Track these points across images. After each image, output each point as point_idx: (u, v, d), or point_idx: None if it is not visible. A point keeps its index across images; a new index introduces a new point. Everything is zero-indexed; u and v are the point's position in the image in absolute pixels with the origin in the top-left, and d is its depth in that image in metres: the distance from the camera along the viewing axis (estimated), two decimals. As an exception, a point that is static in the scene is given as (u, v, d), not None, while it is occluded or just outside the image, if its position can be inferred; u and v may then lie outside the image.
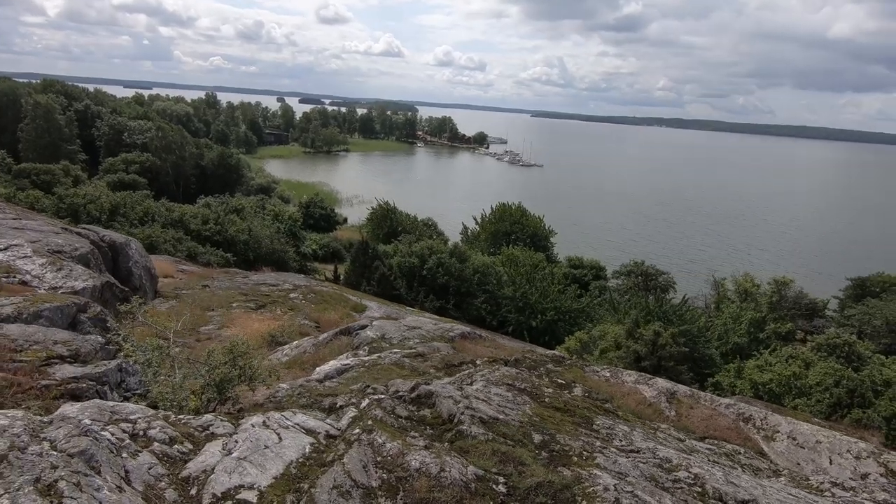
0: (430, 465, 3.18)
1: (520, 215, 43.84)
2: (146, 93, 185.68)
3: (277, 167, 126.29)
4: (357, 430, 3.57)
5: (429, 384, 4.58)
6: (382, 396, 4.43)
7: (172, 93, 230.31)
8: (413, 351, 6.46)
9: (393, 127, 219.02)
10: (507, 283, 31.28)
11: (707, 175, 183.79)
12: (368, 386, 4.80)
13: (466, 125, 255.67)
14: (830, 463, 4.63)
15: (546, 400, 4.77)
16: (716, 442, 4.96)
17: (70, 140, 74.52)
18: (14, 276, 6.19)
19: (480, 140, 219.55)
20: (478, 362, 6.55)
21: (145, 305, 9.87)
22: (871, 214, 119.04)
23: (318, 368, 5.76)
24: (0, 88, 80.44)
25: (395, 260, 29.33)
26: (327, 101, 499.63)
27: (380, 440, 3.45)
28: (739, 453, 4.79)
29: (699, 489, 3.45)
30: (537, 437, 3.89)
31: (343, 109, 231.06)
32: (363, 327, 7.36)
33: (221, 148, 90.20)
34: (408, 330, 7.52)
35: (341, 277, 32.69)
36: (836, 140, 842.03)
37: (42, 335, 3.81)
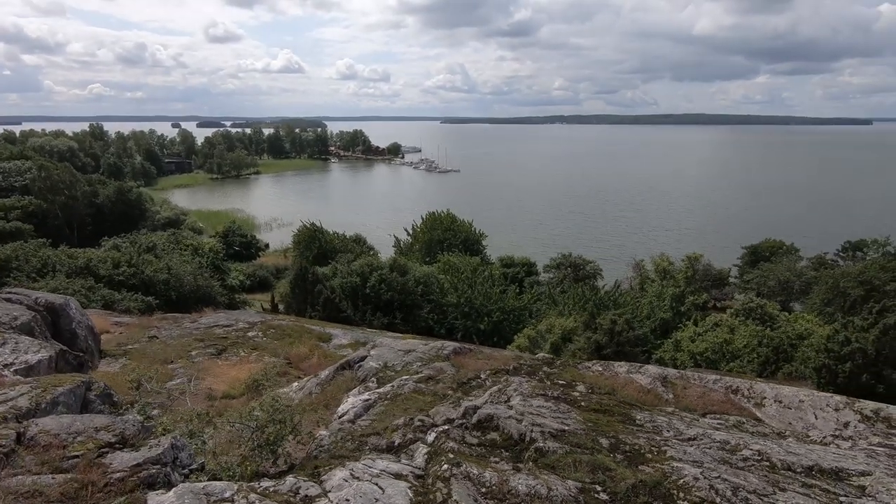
0: (536, 487, 3.29)
1: (450, 222, 44.57)
2: (16, 129, 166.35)
3: (183, 197, 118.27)
4: (445, 466, 3.57)
5: (480, 407, 4.66)
6: (446, 427, 4.45)
7: (48, 126, 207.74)
8: (421, 375, 6.47)
9: (304, 144, 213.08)
10: (449, 291, 31.69)
11: (608, 165, 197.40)
12: (412, 418, 4.78)
13: (379, 137, 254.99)
14: (816, 418, 5.36)
15: (582, 404, 5.05)
16: (718, 416, 5.54)
17: (-72, 190, 65.05)
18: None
19: (395, 150, 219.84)
20: (482, 375, 6.71)
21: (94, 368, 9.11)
22: (749, 187, 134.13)
23: (339, 409, 5.58)
24: None
25: (335, 281, 28.68)
26: (228, 123, 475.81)
27: (474, 471, 3.49)
28: (744, 423, 5.38)
29: (768, 463, 3.88)
30: (605, 442, 4.13)
31: (248, 131, 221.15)
32: (363, 359, 7.22)
33: (118, 183, 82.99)
34: (405, 354, 7.48)
35: (280, 307, 31.43)
36: (711, 124, 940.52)
37: (80, 424, 3.38)
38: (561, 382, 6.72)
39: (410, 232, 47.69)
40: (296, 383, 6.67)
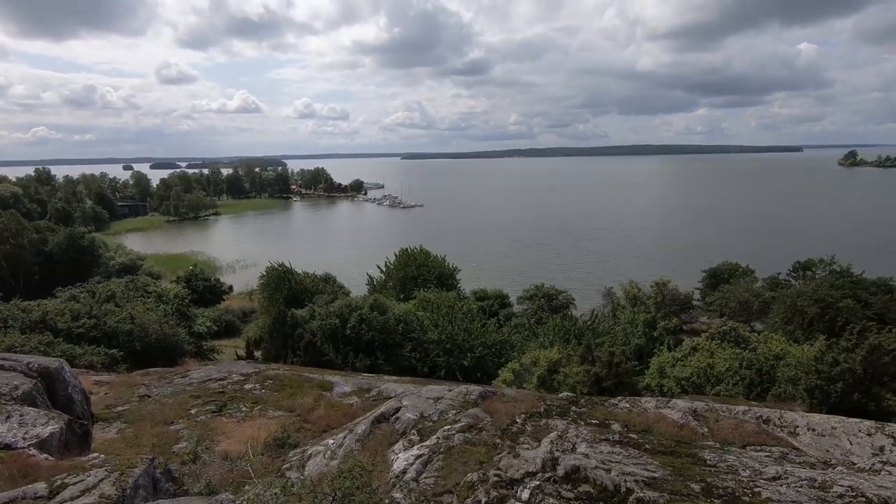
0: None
1: (424, 258, 44.66)
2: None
3: (139, 241, 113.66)
4: (557, 525, 3.57)
5: (557, 458, 4.65)
6: (538, 483, 4.40)
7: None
8: (462, 424, 6.38)
9: (264, 183, 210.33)
10: (429, 328, 31.46)
11: (566, 196, 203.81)
12: (485, 474, 4.70)
13: (340, 174, 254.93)
14: (851, 444, 5.63)
15: (647, 447, 5.12)
16: (758, 447, 5.73)
17: None
18: (-6, 441, 5.00)
19: (357, 187, 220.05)
20: (517, 420, 6.70)
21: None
22: (698, 212, 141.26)
23: (394, 466, 5.40)
24: None
25: (314, 324, 27.98)
26: (184, 164, 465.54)
27: (592, 529, 3.50)
28: (788, 454, 5.59)
29: (864, 499, 4.03)
30: (696, 487, 4.19)
31: (206, 171, 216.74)
32: (397, 410, 7.03)
33: (69, 229, 79.13)
34: (435, 402, 7.34)
35: (255, 353, 30.34)
36: (658, 154, 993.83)
37: None
38: (594, 422, 6.80)
39: (383, 269, 47.38)
40: (330, 440, 6.43)
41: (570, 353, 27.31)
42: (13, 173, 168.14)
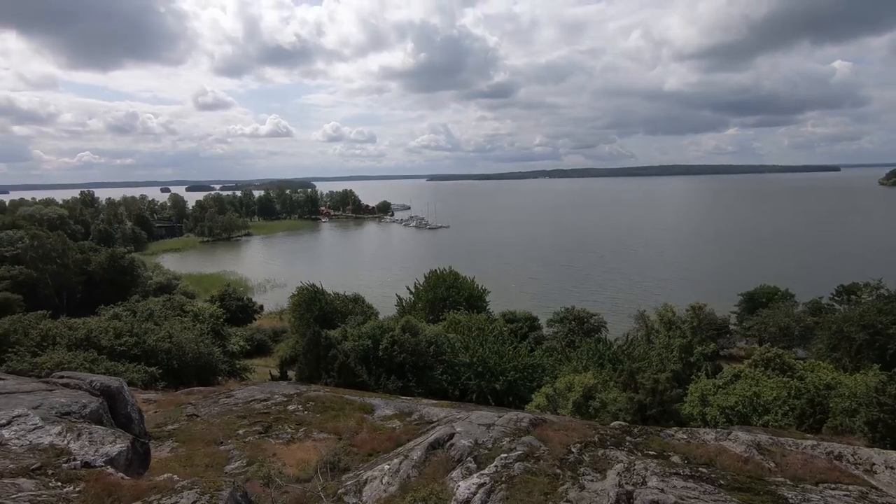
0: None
1: (453, 279, 44.71)
2: (4, 198, 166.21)
3: (174, 261, 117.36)
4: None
5: (633, 493, 4.56)
6: None
7: (35, 195, 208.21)
8: (518, 452, 6.32)
9: (294, 205, 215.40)
10: (460, 350, 31.30)
11: (593, 217, 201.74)
12: None
13: (367, 195, 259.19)
14: (936, 483, 5.37)
15: (721, 483, 4.98)
16: (832, 485, 5.48)
17: (-83, 263, 63.77)
18: (72, 459, 5.22)
19: (384, 208, 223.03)
20: (573, 450, 6.59)
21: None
22: (732, 234, 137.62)
23: (457, 493, 5.37)
24: None
25: (347, 345, 28.20)
26: (217, 187, 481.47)
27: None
28: (867, 493, 5.33)
29: None
30: None
31: (238, 193, 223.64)
32: (451, 436, 7.03)
33: (111, 249, 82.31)
34: (487, 429, 7.31)
35: (288, 373, 30.67)
36: (687, 174, 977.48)
37: None
38: (651, 453, 6.64)
39: (412, 290, 47.59)
40: (386, 465, 6.45)
41: (605, 378, 26.76)
42: (60, 196, 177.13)
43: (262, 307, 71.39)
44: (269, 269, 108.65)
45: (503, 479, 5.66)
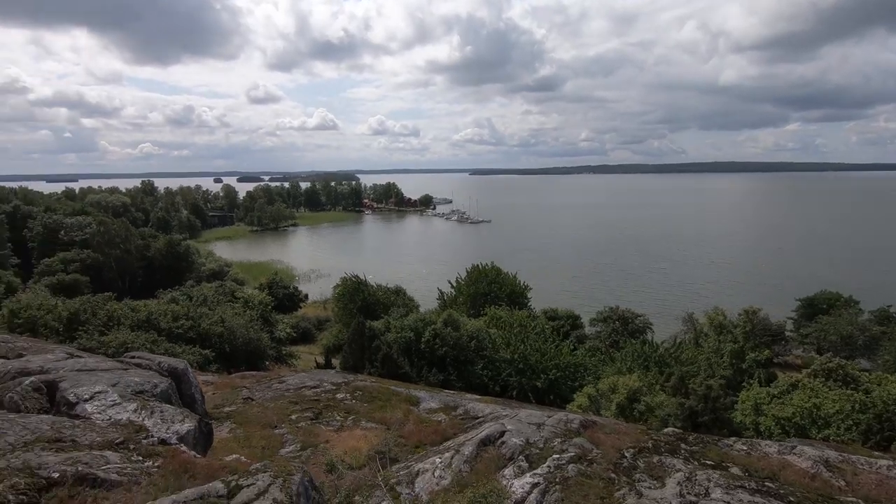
0: None
1: (495, 274, 44.55)
2: (74, 186, 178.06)
3: (226, 249, 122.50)
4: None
5: (698, 503, 4.48)
6: None
7: (100, 183, 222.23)
8: (571, 454, 6.28)
9: (339, 197, 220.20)
10: (501, 346, 31.23)
11: (639, 215, 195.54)
12: None
13: (410, 189, 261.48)
14: None
15: (791, 499, 4.79)
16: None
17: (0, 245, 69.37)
18: (150, 436, 5.61)
19: (426, 202, 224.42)
20: (626, 455, 6.49)
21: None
22: (790, 236, 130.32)
23: (513, 490, 5.43)
24: (-86, 197, 74.52)
25: (390, 336, 28.70)
26: (266, 178, 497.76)
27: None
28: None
29: None
30: None
31: (286, 184, 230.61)
32: (501, 433, 7.08)
33: (169, 236, 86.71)
34: (538, 429, 7.30)
35: (333, 362, 31.50)
36: (743, 171, 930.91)
37: None
38: (709, 462, 6.43)
39: (454, 284, 47.76)
40: (438, 458, 6.56)
41: (651, 381, 26.04)
42: (123, 185, 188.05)
43: (307, 296, 73.54)
44: (315, 259, 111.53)
45: (557, 480, 5.63)
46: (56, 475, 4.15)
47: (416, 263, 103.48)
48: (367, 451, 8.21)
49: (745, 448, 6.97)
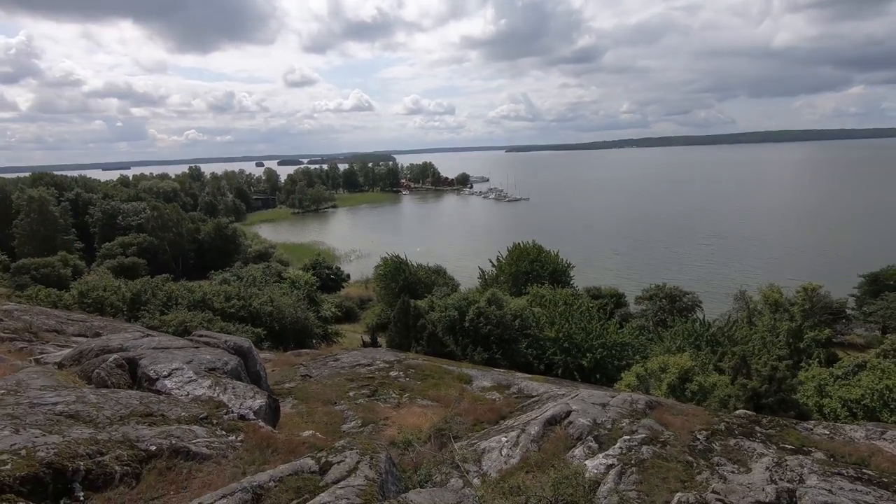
0: None
1: (537, 253, 44.03)
2: (126, 173, 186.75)
3: (269, 231, 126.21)
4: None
5: (794, 491, 4.29)
6: None
7: (150, 169, 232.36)
8: (642, 435, 6.17)
9: (376, 178, 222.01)
10: (545, 325, 30.99)
11: (683, 189, 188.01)
12: (701, 495, 4.50)
13: (446, 168, 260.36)
14: None
15: None
16: None
17: (65, 230, 73.82)
18: (230, 412, 5.85)
19: (463, 181, 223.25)
20: (699, 437, 6.30)
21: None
22: (851, 208, 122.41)
23: (587, 470, 5.40)
24: (-12, 187, 79.94)
25: (434, 315, 28.96)
26: (305, 160, 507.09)
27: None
28: None
29: None
30: None
31: (325, 167, 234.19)
32: (567, 413, 7.03)
33: (217, 220, 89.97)
34: (603, 409, 7.20)
35: (378, 340, 32.11)
36: (797, 140, 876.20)
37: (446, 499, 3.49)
38: (788, 447, 6.16)
39: (495, 263, 47.57)
40: (503, 437, 6.57)
41: (703, 360, 25.28)
42: (171, 171, 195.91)
43: (348, 276, 75.08)
44: (354, 239, 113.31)
45: (632, 461, 5.52)
46: (153, 448, 4.37)
47: (454, 243, 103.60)
48: (429, 429, 8.31)
49: (826, 432, 6.63)
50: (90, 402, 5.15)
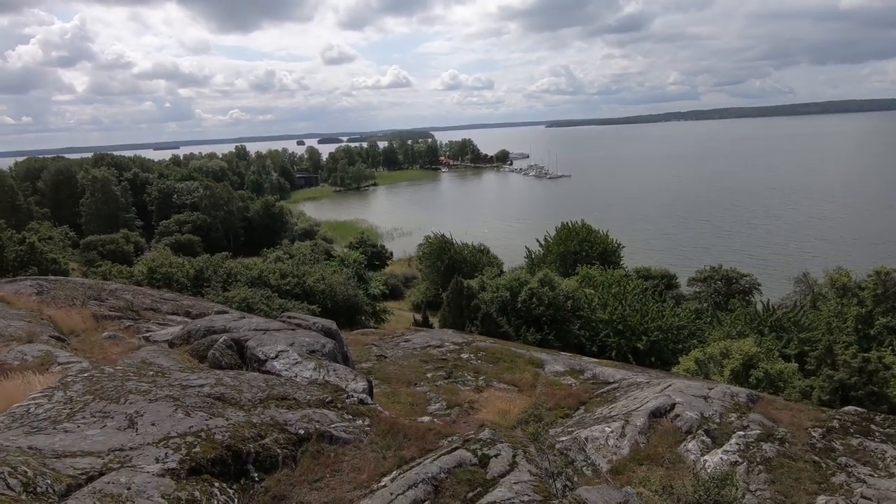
0: None
1: (586, 233, 43.25)
2: (176, 152, 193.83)
3: (312, 209, 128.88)
4: None
5: None
6: None
7: (197, 148, 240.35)
8: (757, 432, 6.06)
9: (416, 156, 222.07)
10: (597, 307, 30.61)
11: (735, 165, 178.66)
12: (851, 500, 4.45)
13: (485, 144, 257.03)
14: None
15: None
16: None
17: (126, 209, 77.77)
18: (350, 395, 6.11)
19: (503, 157, 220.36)
20: (814, 434, 6.14)
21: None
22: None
23: (707, 466, 5.41)
24: (56, 167, 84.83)
25: (486, 296, 29.09)
26: (345, 138, 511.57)
27: None
28: None
29: None
30: None
31: (364, 144, 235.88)
32: (672, 406, 6.99)
33: (265, 198, 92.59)
34: (706, 402, 7.11)
35: (430, 320, 32.57)
36: (866, 111, 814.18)
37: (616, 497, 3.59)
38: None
39: (542, 243, 47.07)
40: (607, 427, 6.60)
41: (768, 346, 24.42)
42: (217, 150, 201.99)
43: (391, 253, 76.01)
44: (396, 217, 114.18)
45: (757, 459, 5.44)
46: (301, 431, 4.62)
47: (495, 221, 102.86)
48: (518, 414, 8.41)
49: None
50: (228, 384, 5.47)
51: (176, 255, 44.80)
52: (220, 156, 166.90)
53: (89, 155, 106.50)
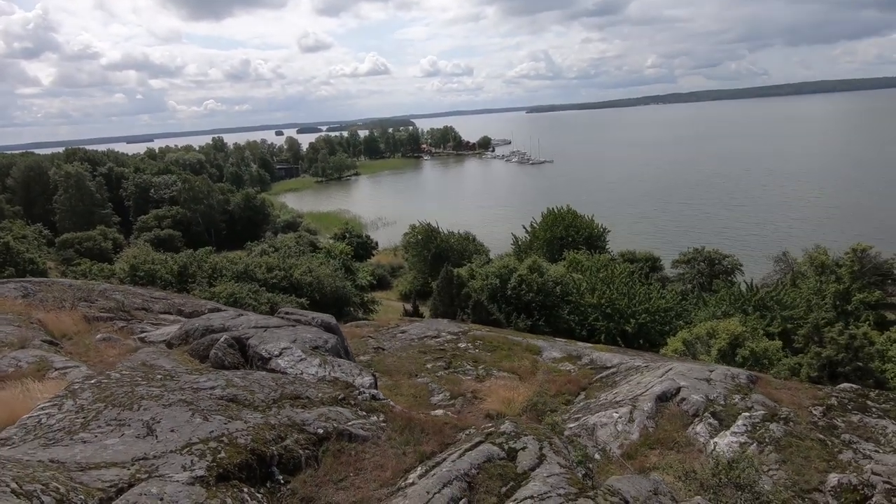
0: None
1: (572, 218, 43.54)
2: (149, 145, 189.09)
3: (294, 200, 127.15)
4: None
5: None
6: None
7: (172, 141, 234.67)
8: (761, 412, 6.20)
9: (397, 144, 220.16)
10: (586, 291, 30.95)
11: (713, 148, 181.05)
12: (864, 477, 4.56)
13: (467, 130, 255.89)
14: None
15: None
16: None
17: (102, 204, 75.70)
18: (361, 391, 6.06)
19: (485, 144, 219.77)
20: (814, 412, 6.32)
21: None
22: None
23: (718, 448, 5.50)
24: (26, 164, 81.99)
25: (475, 284, 29.18)
26: (324, 128, 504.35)
27: None
28: None
29: None
30: None
31: (345, 133, 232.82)
32: (678, 390, 7.09)
33: (246, 191, 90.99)
34: (709, 384, 7.24)
35: (421, 309, 32.58)
36: (837, 91, 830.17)
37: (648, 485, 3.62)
38: (910, 422, 6.11)
39: (528, 229, 47.27)
40: (615, 413, 6.68)
41: (753, 325, 25.04)
42: (194, 142, 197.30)
43: (377, 244, 75.56)
44: (379, 207, 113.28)
45: (766, 440, 5.58)
46: (321, 431, 4.58)
47: (479, 208, 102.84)
48: (522, 402, 8.47)
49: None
50: (239, 385, 5.38)
51: (157, 251, 43.87)
52: (198, 148, 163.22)
53: (60, 150, 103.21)
